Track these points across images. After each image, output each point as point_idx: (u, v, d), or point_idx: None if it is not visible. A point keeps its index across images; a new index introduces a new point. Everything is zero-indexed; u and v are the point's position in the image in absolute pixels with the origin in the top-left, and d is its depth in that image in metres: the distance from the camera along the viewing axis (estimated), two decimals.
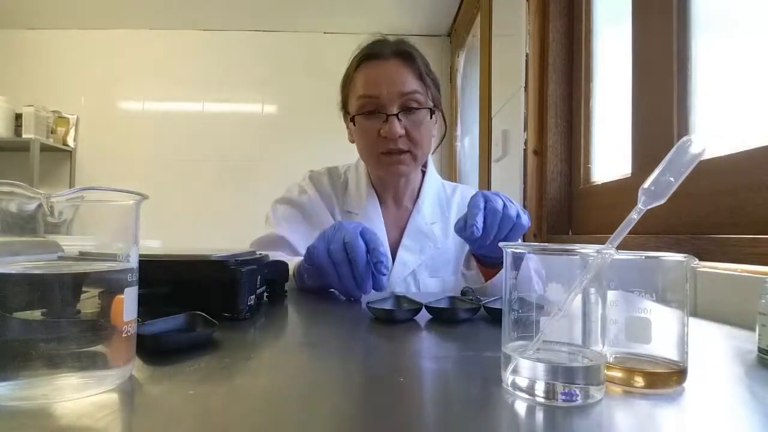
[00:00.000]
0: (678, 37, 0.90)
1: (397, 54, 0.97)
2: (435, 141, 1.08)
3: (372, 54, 0.98)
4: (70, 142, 3.00)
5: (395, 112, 0.93)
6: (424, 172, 1.12)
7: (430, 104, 0.98)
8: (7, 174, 2.99)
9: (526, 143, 1.48)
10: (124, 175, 3.00)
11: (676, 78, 0.89)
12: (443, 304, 0.60)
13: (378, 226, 1.04)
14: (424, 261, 1.02)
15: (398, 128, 0.93)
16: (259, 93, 3.11)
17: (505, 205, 0.74)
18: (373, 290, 0.70)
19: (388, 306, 0.60)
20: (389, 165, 0.98)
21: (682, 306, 0.33)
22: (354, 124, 0.99)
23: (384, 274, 0.67)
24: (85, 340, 0.29)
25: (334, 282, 0.70)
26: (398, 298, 0.63)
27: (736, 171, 0.73)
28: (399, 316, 0.56)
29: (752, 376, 0.37)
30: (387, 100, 0.94)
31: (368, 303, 0.58)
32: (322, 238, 0.71)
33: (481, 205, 0.74)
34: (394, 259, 1.03)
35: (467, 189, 1.16)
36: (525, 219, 0.76)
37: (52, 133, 2.92)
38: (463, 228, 0.72)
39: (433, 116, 0.99)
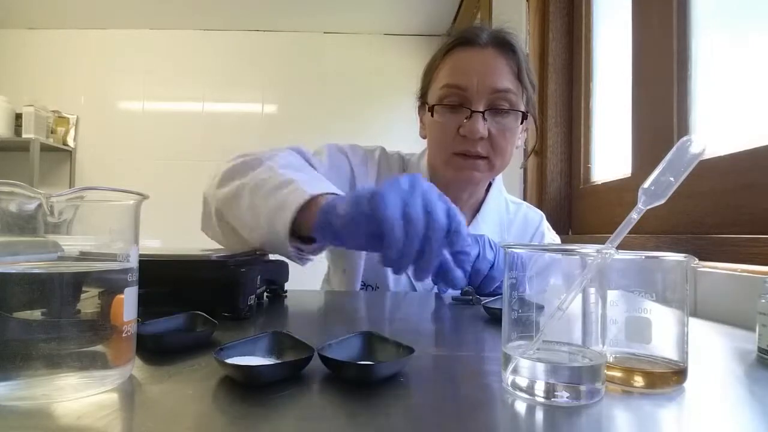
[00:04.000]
0: (678, 37, 0.90)
1: (495, 43, 0.83)
2: (520, 153, 0.94)
3: (466, 39, 0.84)
4: (70, 142, 3.00)
5: (481, 109, 0.80)
6: (489, 184, 0.97)
7: (523, 108, 0.84)
8: (7, 174, 3.00)
9: (526, 143, 1.48)
10: (124, 175, 3.00)
11: (676, 78, 0.89)
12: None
13: None
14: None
15: (481, 128, 0.79)
16: (259, 93, 3.11)
17: (477, 257, 0.71)
18: (445, 287, 0.55)
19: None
20: (460, 168, 0.83)
21: (682, 306, 0.33)
22: (432, 115, 0.85)
23: (466, 270, 0.53)
24: (85, 340, 0.29)
25: (392, 248, 0.50)
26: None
27: (736, 171, 0.73)
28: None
29: (752, 376, 0.37)
30: (474, 93, 0.80)
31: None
32: (394, 190, 0.51)
33: None
34: None
35: (531, 211, 1.03)
36: (500, 268, 0.72)
37: (52, 133, 2.92)
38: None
39: (524, 123, 0.85)
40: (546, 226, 1.01)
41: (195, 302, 0.48)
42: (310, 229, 0.57)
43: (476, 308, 0.65)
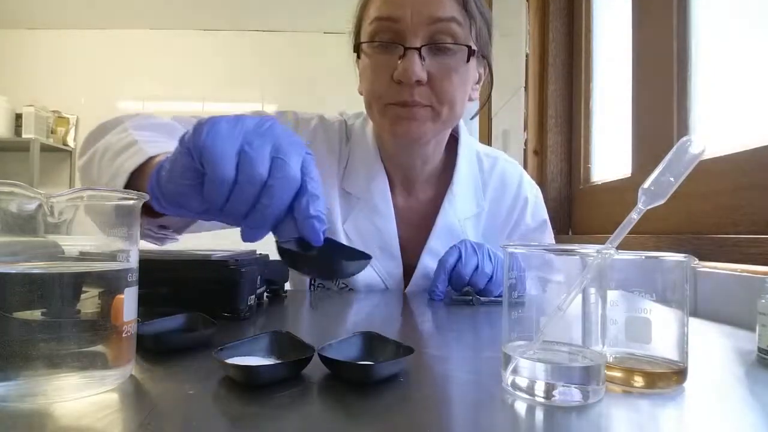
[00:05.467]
0: (678, 37, 0.90)
1: None
2: (473, 103, 0.77)
3: None
4: (70, 142, 3.00)
5: (417, 45, 0.64)
6: (456, 141, 0.81)
7: (472, 43, 0.67)
8: (7, 174, 2.99)
9: (526, 143, 1.48)
10: None
11: (676, 78, 0.89)
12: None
13: (386, 219, 0.76)
14: None
15: (418, 69, 0.63)
16: (259, 93, 3.11)
17: (476, 270, 0.67)
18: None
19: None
20: (397, 119, 0.67)
21: (682, 306, 0.33)
22: (359, 57, 0.70)
23: (318, 237, 0.38)
24: (85, 340, 0.29)
25: (217, 190, 0.36)
26: None
27: (736, 171, 0.73)
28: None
29: (752, 376, 0.37)
30: (408, 26, 0.64)
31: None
32: (236, 125, 0.37)
33: (449, 265, 0.67)
34: (414, 266, 0.78)
35: (509, 165, 0.86)
36: (498, 281, 0.69)
37: (52, 133, 2.92)
38: (432, 290, 0.69)
39: (472, 61, 0.68)
40: (528, 189, 0.86)
41: (195, 302, 0.48)
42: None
43: (476, 308, 0.65)
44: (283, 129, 0.39)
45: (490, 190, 0.83)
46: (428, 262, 0.77)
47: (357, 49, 0.69)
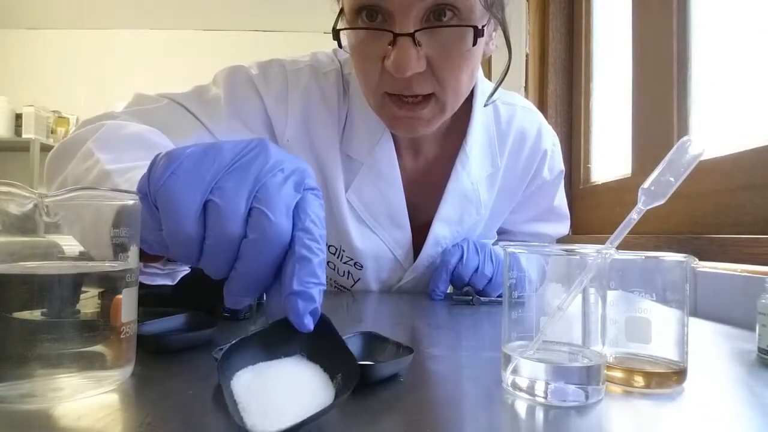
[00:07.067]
0: (678, 37, 0.90)
1: None
2: (485, 78, 0.71)
3: None
4: None
5: (410, 30, 0.52)
6: (471, 93, 0.69)
7: (477, 17, 0.54)
8: (8, 174, 3.00)
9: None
10: None
11: (676, 78, 0.89)
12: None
13: (393, 185, 0.69)
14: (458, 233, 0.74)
15: (413, 60, 0.52)
16: None
17: (476, 272, 0.68)
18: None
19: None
20: (395, 118, 0.60)
21: (682, 306, 0.33)
22: (339, 45, 0.59)
23: (306, 319, 0.29)
24: (85, 341, 0.29)
25: (182, 259, 0.33)
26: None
27: (736, 171, 0.73)
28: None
29: (752, 376, 0.37)
30: (398, 5, 0.52)
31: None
32: (204, 161, 0.30)
33: (450, 266, 0.68)
34: (425, 233, 0.73)
35: (527, 118, 0.77)
36: (498, 282, 0.70)
37: (52, 133, 2.92)
38: (432, 290, 0.70)
39: (483, 37, 0.55)
40: (546, 140, 0.79)
41: (195, 302, 0.48)
42: None
43: (476, 308, 0.65)
44: (272, 157, 0.31)
45: (508, 146, 0.75)
46: (440, 230, 0.72)
47: (336, 35, 0.56)
